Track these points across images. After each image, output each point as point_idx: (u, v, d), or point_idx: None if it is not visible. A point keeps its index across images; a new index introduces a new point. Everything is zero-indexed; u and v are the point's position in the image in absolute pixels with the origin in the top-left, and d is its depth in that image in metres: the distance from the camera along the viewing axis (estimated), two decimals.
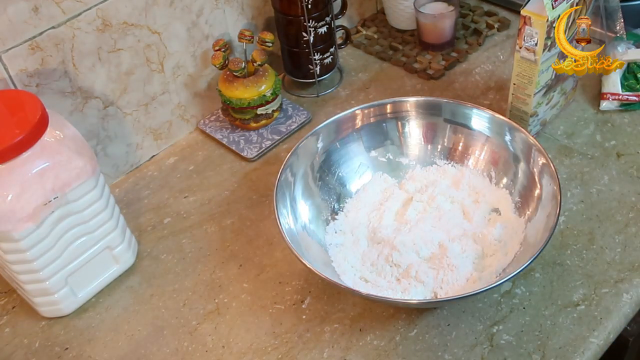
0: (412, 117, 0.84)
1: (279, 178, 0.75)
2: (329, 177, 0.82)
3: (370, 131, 0.84)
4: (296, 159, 0.78)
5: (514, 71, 0.82)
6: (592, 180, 0.82)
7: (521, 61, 0.80)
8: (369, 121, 0.83)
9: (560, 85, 0.87)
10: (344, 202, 0.81)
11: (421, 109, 0.83)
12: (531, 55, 0.78)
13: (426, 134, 0.84)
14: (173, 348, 0.72)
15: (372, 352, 0.69)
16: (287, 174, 0.76)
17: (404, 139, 0.84)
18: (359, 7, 1.14)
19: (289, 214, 0.75)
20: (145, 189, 0.90)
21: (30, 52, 0.75)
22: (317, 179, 0.80)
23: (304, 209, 0.78)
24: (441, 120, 0.83)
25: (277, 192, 0.73)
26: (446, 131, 0.83)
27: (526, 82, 0.82)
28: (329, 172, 0.82)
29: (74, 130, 0.71)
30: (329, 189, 0.81)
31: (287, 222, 0.73)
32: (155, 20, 0.85)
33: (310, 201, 0.79)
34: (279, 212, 0.72)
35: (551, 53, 0.79)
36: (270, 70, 0.94)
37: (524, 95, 0.83)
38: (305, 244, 0.73)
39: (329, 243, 0.77)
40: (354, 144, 0.83)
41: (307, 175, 0.80)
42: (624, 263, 0.73)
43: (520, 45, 0.79)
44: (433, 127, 0.83)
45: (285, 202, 0.75)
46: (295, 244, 0.69)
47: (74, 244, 0.72)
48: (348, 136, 0.83)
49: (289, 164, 0.77)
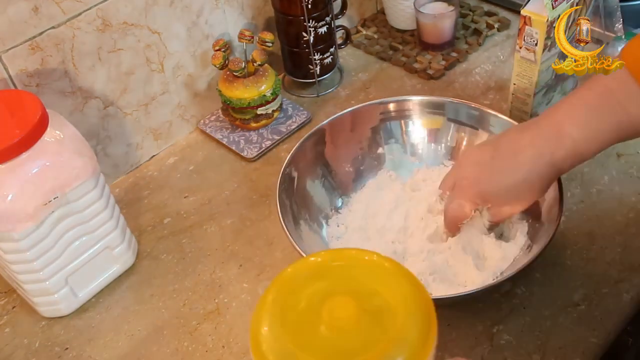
0: (415, 116, 0.83)
1: (282, 172, 0.75)
2: (332, 173, 0.82)
3: (375, 129, 0.83)
4: (302, 154, 0.78)
5: (514, 71, 0.83)
6: (592, 180, 0.82)
7: (521, 61, 0.81)
8: (374, 119, 0.83)
9: (560, 85, 0.87)
10: (348, 198, 0.81)
11: (425, 108, 0.83)
12: (531, 56, 0.78)
13: (430, 133, 0.84)
14: (173, 348, 0.72)
15: None
16: (290, 169, 0.76)
17: (407, 138, 0.84)
18: (359, 7, 1.14)
19: (292, 205, 0.74)
20: (145, 189, 0.90)
21: (30, 52, 0.75)
22: (319, 175, 0.80)
23: (308, 203, 0.77)
24: (445, 120, 0.82)
25: (279, 189, 0.73)
26: (450, 130, 0.83)
27: (526, 82, 0.82)
28: (333, 168, 0.82)
29: (74, 130, 0.71)
30: (332, 185, 0.81)
31: (289, 219, 0.73)
32: (155, 20, 0.85)
33: (313, 196, 0.79)
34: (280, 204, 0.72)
35: (551, 53, 0.79)
36: (270, 70, 0.94)
37: (524, 96, 0.84)
38: (307, 239, 0.73)
39: (331, 236, 0.77)
40: (358, 142, 0.83)
41: (310, 171, 0.80)
42: (624, 263, 0.73)
43: (520, 46, 0.79)
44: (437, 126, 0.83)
45: (288, 197, 0.74)
46: (298, 241, 0.69)
47: (74, 244, 0.72)
48: (352, 133, 0.83)
49: (292, 159, 0.77)
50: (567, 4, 0.75)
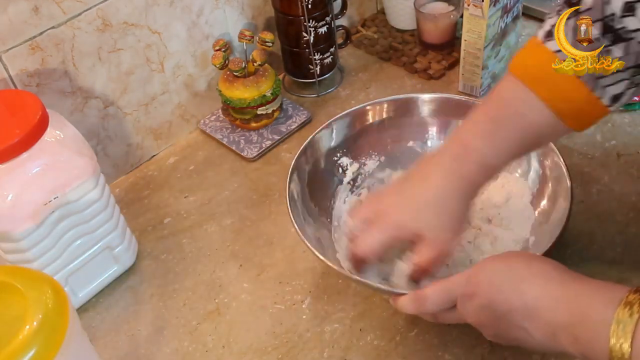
0: (425, 114, 0.83)
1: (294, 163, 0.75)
2: (342, 166, 0.82)
3: (383, 127, 0.83)
4: (310, 149, 0.78)
5: (464, 28, 0.91)
6: (592, 180, 0.82)
7: (470, 17, 0.89)
8: (382, 116, 0.83)
9: (505, 40, 0.96)
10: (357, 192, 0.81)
11: (433, 105, 0.83)
12: (479, 12, 0.87)
13: (440, 131, 0.83)
14: (173, 348, 0.72)
15: (372, 352, 0.69)
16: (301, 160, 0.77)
17: (417, 135, 0.83)
18: (359, 7, 1.14)
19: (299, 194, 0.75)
20: (145, 189, 0.90)
21: (30, 52, 0.75)
22: (328, 171, 0.80)
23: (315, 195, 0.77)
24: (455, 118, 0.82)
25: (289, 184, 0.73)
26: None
27: (476, 37, 0.90)
28: (343, 163, 0.82)
29: (74, 130, 0.71)
30: (341, 180, 0.81)
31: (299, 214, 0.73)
32: (155, 20, 0.85)
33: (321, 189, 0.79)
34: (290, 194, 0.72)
35: (496, 8, 0.89)
36: (270, 70, 0.94)
37: (475, 50, 0.92)
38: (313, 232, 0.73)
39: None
40: (368, 138, 0.83)
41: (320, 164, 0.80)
42: (624, 263, 0.73)
43: (469, 3, 0.87)
44: (446, 125, 0.82)
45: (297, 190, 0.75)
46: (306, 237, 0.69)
47: (74, 244, 0.72)
48: (361, 130, 0.83)
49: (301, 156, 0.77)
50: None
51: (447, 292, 0.57)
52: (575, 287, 0.51)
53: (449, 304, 0.57)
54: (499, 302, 0.53)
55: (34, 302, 0.49)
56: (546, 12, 1.06)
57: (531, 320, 0.51)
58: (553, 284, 0.52)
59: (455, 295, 0.56)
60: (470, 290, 0.55)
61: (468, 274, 0.56)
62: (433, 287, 0.58)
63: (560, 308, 0.50)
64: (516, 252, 0.64)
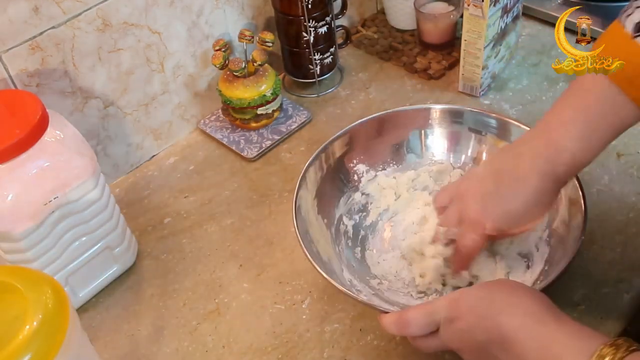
0: (435, 126, 0.82)
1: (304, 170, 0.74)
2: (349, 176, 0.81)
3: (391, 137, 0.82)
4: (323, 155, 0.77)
5: (464, 28, 0.90)
6: (592, 180, 0.82)
7: (470, 18, 0.89)
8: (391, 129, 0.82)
9: (504, 40, 0.96)
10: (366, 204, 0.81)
11: (445, 116, 0.81)
12: (479, 12, 0.87)
13: (451, 143, 0.82)
14: (173, 348, 0.72)
15: (372, 352, 0.69)
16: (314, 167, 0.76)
17: (425, 148, 0.82)
18: (359, 7, 1.14)
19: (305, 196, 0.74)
20: (145, 189, 0.90)
21: (30, 52, 0.75)
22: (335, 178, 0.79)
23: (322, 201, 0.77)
24: (465, 129, 0.81)
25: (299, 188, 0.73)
26: (470, 141, 0.81)
27: (476, 37, 0.90)
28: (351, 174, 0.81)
29: (74, 130, 0.71)
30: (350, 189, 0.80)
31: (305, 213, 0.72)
32: (155, 20, 0.85)
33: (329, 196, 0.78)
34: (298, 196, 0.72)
35: (496, 8, 0.89)
36: (270, 70, 0.94)
37: (475, 50, 0.92)
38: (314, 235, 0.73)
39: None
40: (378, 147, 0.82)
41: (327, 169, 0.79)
42: (624, 263, 0.73)
43: (469, 3, 0.87)
44: (457, 136, 0.81)
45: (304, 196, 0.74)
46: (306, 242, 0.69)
47: (74, 244, 0.72)
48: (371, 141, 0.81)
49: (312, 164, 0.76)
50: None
51: (429, 316, 0.58)
52: (551, 329, 0.51)
53: (431, 328, 0.58)
54: (479, 331, 0.54)
55: (34, 302, 0.49)
56: (546, 12, 1.07)
57: (506, 353, 0.52)
58: (530, 320, 0.52)
59: (437, 319, 0.57)
60: (452, 315, 0.56)
61: (450, 299, 0.57)
62: (415, 310, 0.59)
63: (533, 347, 0.51)
64: (501, 281, 0.65)
